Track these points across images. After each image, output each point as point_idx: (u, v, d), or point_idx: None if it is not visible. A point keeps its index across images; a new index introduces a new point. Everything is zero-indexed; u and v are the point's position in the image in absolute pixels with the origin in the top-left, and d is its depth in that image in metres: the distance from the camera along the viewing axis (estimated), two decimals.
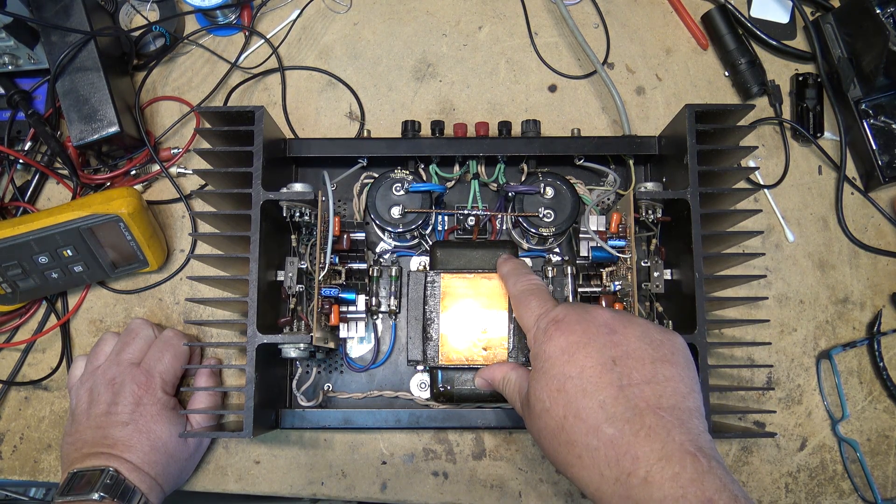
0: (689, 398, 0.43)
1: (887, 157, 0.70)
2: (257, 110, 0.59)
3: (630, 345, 0.45)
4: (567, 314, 0.47)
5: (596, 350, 0.44)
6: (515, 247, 0.64)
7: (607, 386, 0.43)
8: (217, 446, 0.66)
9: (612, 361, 0.44)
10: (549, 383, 0.45)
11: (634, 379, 0.43)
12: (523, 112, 0.73)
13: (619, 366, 0.43)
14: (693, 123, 0.59)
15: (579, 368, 0.44)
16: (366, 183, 0.69)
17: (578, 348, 0.45)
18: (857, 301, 0.70)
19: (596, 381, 0.43)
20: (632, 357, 0.44)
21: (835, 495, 0.66)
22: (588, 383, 0.43)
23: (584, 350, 0.45)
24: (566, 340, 0.46)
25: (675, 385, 0.43)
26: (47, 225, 0.62)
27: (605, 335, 0.45)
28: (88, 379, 0.62)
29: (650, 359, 0.44)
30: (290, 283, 0.62)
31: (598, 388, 0.43)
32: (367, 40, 0.75)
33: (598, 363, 0.44)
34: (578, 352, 0.45)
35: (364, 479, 0.66)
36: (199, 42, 0.75)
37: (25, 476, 0.66)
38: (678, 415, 0.42)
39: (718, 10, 0.73)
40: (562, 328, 0.46)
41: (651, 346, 0.45)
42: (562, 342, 0.46)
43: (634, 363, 0.44)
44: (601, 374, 0.43)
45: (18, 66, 0.70)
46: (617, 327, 0.46)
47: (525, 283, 0.54)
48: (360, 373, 0.67)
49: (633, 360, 0.44)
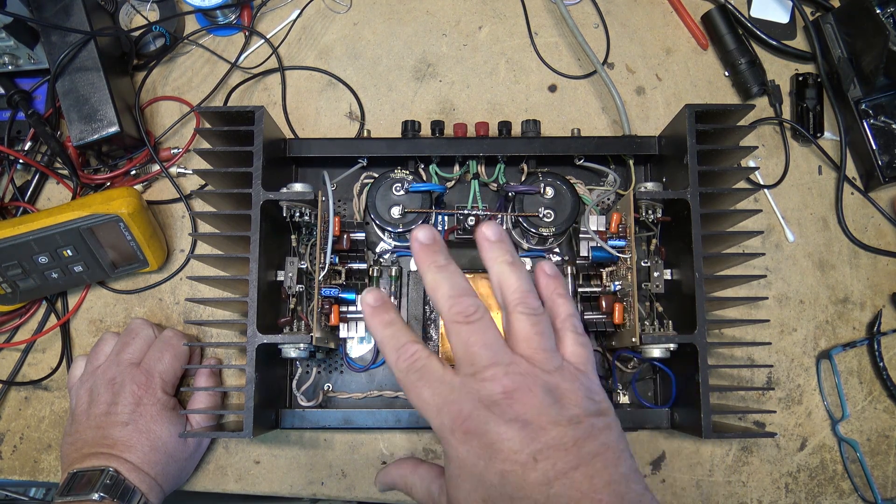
0: (620, 464, 0.39)
1: (887, 157, 0.70)
2: (257, 110, 0.59)
3: (548, 434, 0.39)
4: (471, 411, 0.39)
5: (512, 451, 0.38)
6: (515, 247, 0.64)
7: (535, 487, 0.38)
8: (217, 446, 0.66)
9: (532, 459, 0.38)
10: (469, 494, 0.39)
11: (559, 469, 0.38)
12: (523, 112, 0.73)
13: (541, 461, 0.38)
14: (693, 123, 0.59)
15: (499, 474, 0.38)
16: (366, 183, 0.69)
17: (493, 452, 0.38)
18: (857, 301, 0.70)
19: (520, 483, 0.38)
20: (552, 447, 0.38)
21: (835, 495, 0.66)
22: (513, 489, 0.38)
23: (499, 454, 0.38)
24: (479, 443, 0.39)
25: (607, 457, 0.39)
26: (47, 225, 0.62)
27: (517, 431, 0.39)
28: (88, 379, 0.62)
29: (572, 441, 0.39)
30: (290, 283, 0.62)
31: (525, 493, 0.38)
32: (367, 40, 0.75)
33: (520, 464, 0.38)
34: (495, 456, 0.38)
35: (364, 479, 0.66)
36: (199, 42, 0.75)
37: (25, 476, 0.66)
38: (616, 489, 0.38)
39: (718, 10, 0.73)
40: (471, 430, 0.39)
41: (571, 426, 0.39)
42: (474, 446, 0.39)
43: (556, 452, 0.38)
44: (525, 476, 0.38)
45: (18, 66, 0.70)
46: (531, 418, 0.39)
47: (395, 357, 0.42)
48: (360, 373, 0.67)
49: (556, 448, 0.38)
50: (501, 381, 0.40)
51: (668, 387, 0.64)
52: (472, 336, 0.41)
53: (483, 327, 0.41)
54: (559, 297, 0.47)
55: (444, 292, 0.42)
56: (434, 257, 0.43)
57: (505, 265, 0.44)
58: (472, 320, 0.41)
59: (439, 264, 0.43)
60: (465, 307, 0.42)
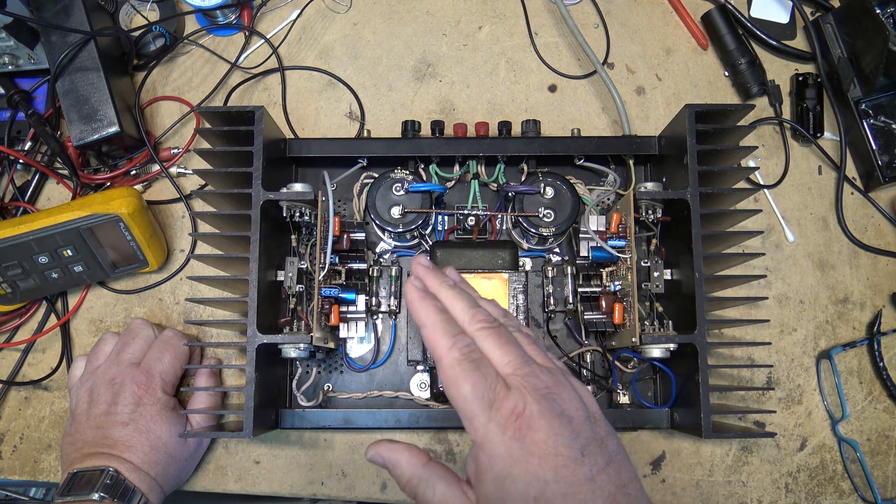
0: (629, 461, 0.42)
1: (887, 157, 0.70)
2: (257, 110, 0.59)
3: (585, 430, 0.40)
4: (525, 406, 0.40)
5: (565, 446, 0.39)
6: (515, 247, 0.64)
7: (583, 483, 0.39)
8: (217, 446, 0.66)
9: (581, 454, 0.39)
10: (522, 493, 0.39)
11: (599, 465, 0.39)
12: (523, 112, 0.73)
13: (587, 456, 0.39)
14: (693, 123, 0.59)
15: (552, 470, 0.39)
16: (366, 183, 0.69)
17: (547, 448, 0.39)
18: (857, 301, 0.70)
19: (571, 479, 0.39)
20: (590, 443, 0.40)
21: (835, 495, 0.66)
22: (566, 485, 0.39)
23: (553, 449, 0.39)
24: (532, 439, 0.39)
25: (622, 456, 0.41)
26: (47, 225, 0.62)
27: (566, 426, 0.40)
28: (88, 379, 0.62)
29: (601, 438, 0.41)
30: (290, 283, 0.62)
31: (574, 489, 0.39)
32: (367, 40, 0.75)
33: (571, 460, 0.39)
34: (549, 451, 0.39)
35: (364, 479, 0.66)
36: (199, 42, 0.75)
37: (25, 476, 0.66)
38: (637, 486, 0.41)
39: (718, 10, 0.73)
40: (525, 426, 0.40)
41: (597, 424, 0.41)
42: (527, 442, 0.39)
43: (595, 447, 0.40)
44: (575, 471, 0.39)
45: (18, 66, 0.70)
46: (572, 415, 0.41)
47: (450, 343, 0.42)
48: (360, 373, 0.67)
49: (594, 444, 0.40)
50: (542, 378, 0.41)
51: (668, 387, 0.64)
52: (500, 338, 0.42)
53: (506, 331, 0.43)
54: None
55: (463, 305, 0.44)
56: (443, 278, 0.46)
57: (445, 289, 0.45)
58: (495, 325, 0.43)
59: (449, 284, 0.45)
60: (486, 315, 0.43)
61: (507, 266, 0.62)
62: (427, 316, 0.43)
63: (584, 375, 0.65)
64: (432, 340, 0.42)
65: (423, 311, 0.43)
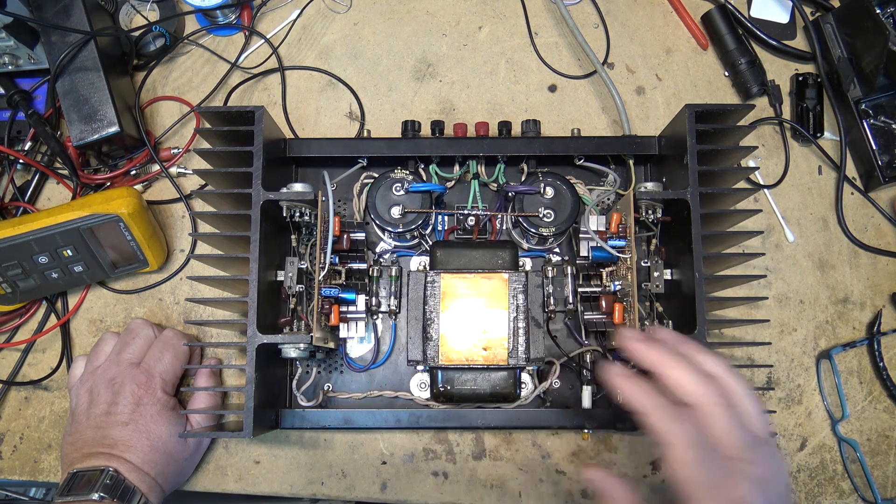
0: None
1: (887, 157, 0.70)
2: (257, 110, 0.59)
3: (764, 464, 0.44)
4: (745, 494, 0.43)
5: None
6: (515, 247, 0.64)
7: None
8: (217, 446, 0.66)
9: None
10: None
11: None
12: (523, 112, 0.73)
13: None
14: (693, 123, 0.59)
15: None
16: (366, 183, 0.69)
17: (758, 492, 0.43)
18: (857, 301, 0.70)
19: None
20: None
21: (835, 495, 0.66)
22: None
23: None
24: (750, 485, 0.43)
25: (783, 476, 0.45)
26: (47, 225, 0.62)
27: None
28: (88, 379, 0.62)
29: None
30: (290, 283, 0.62)
31: None
32: (367, 40, 0.75)
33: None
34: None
35: (364, 479, 0.66)
36: (199, 42, 0.75)
37: (25, 476, 0.66)
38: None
39: (718, 10, 0.73)
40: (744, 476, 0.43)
41: (788, 492, 0.46)
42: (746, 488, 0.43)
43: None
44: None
45: (18, 66, 0.70)
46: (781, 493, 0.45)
47: (681, 428, 0.45)
48: (360, 373, 0.67)
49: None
50: (762, 466, 0.44)
51: None
52: (727, 417, 0.44)
53: (732, 407, 0.45)
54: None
55: (690, 377, 0.45)
56: (667, 349, 0.47)
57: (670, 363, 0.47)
58: (723, 402, 0.45)
59: (673, 356, 0.47)
60: (714, 389, 0.45)
61: (507, 266, 0.62)
62: (644, 404, 0.45)
63: (584, 375, 0.65)
64: (659, 425, 0.44)
65: (639, 398, 0.46)
